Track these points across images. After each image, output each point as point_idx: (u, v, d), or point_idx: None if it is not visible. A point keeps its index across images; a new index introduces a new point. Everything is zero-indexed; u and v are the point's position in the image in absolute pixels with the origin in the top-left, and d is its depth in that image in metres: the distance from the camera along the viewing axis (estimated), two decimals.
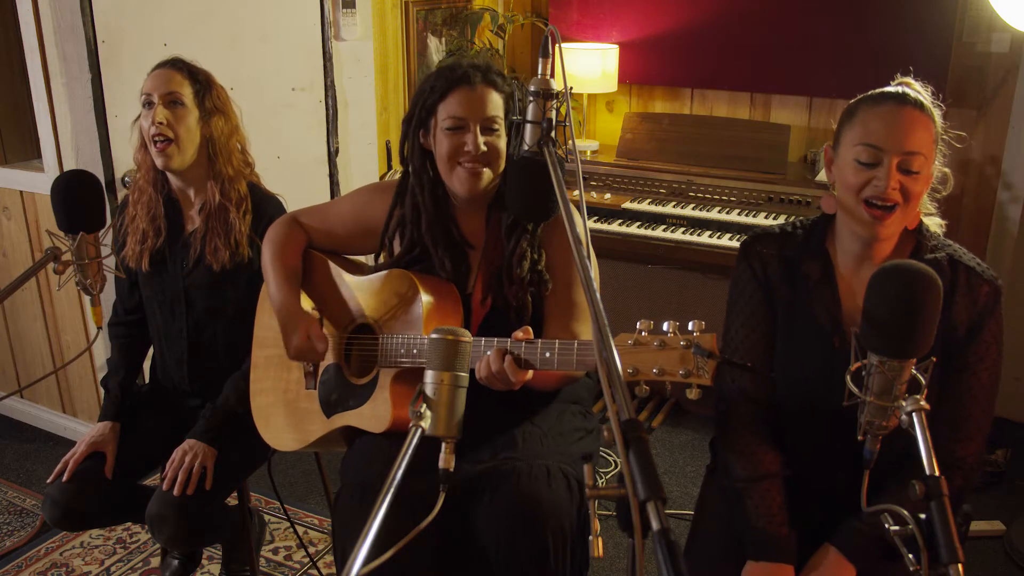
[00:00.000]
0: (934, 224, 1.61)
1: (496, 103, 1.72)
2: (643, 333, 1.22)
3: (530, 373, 1.49)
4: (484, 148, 1.70)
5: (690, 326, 1.21)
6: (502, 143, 1.73)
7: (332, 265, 1.89)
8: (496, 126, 1.72)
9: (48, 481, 2.00)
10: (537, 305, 1.75)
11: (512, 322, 1.73)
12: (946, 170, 1.58)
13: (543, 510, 1.55)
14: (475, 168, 1.70)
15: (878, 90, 1.53)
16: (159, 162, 2.01)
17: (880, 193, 1.46)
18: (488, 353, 1.49)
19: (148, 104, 2.00)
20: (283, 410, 1.93)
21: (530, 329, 1.50)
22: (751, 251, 1.67)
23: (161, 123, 1.96)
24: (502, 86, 1.73)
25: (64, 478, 1.97)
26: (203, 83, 2.04)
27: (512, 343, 1.48)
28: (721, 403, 1.67)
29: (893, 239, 1.56)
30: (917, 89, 1.54)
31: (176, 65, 2.03)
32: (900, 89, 1.52)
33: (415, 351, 1.67)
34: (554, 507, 1.56)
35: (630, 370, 1.22)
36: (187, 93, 2.01)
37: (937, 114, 1.52)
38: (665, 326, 1.22)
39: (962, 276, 1.53)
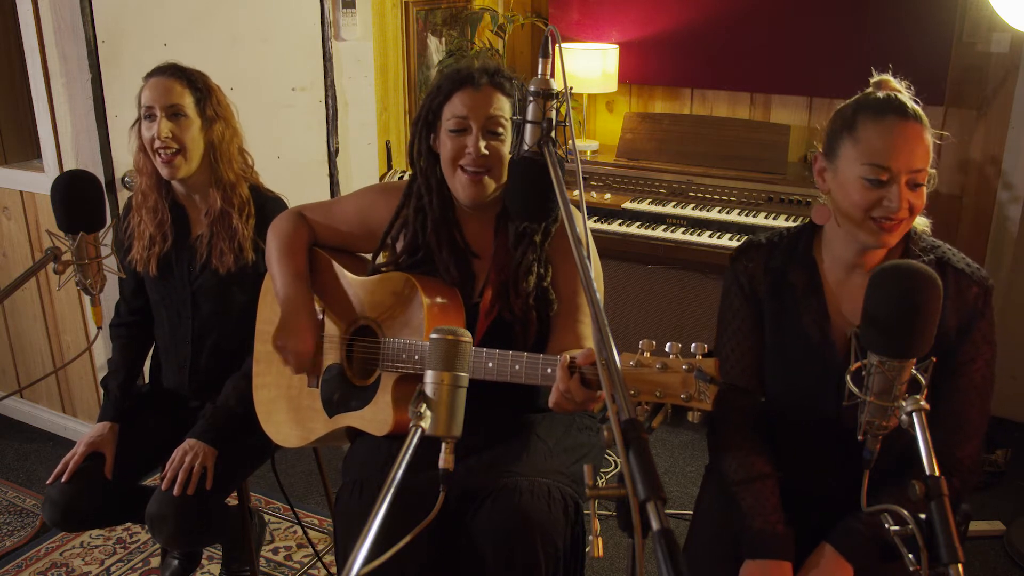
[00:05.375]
0: (920, 223, 1.58)
1: (502, 106, 1.69)
2: (645, 354, 1.21)
3: (600, 393, 1.43)
4: (485, 152, 1.67)
5: (692, 348, 1.20)
6: (506, 148, 1.70)
7: (335, 264, 1.89)
8: (500, 130, 1.68)
9: (47, 482, 2.00)
10: (543, 320, 1.74)
11: (517, 335, 1.72)
12: (932, 171, 1.53)
13: (538, 529, 1.55)
14: (476, 175, 1.68)
15: (870, 97, 1.50)
16: (165, 173, 2.02)
17: (892, 213, 1.45)
18: (550, 371, 1.46)
19: (150, 117, 1.99)
20: (285, 406, 1.93)
21: (593, 350, 1.43)
22: (738, 265, 1.67)
23: (167, 137, 1.97)
24: (510, 90, 1.70)
25: (63, 479, 1.97)
26: (203, 90, 2.04)
27: (580, 361, 1.43)
28: (713, 406, 1.67)
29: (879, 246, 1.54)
30: (894, 87, 1.51)
31: (175, 74, 2.02)
32: (892, 96, 1.48)
33: (416, 357, 1.67)
34: (549, 528, 1.56)
35: (632, 391, 1.21)
36: (188, 103, 2.01)
37: (926, 118, 1.48)
38: (667, 347, 1.21)
39: (951, 279, 1.52)
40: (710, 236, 3.17)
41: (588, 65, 3.60)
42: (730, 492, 1.60)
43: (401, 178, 2.59)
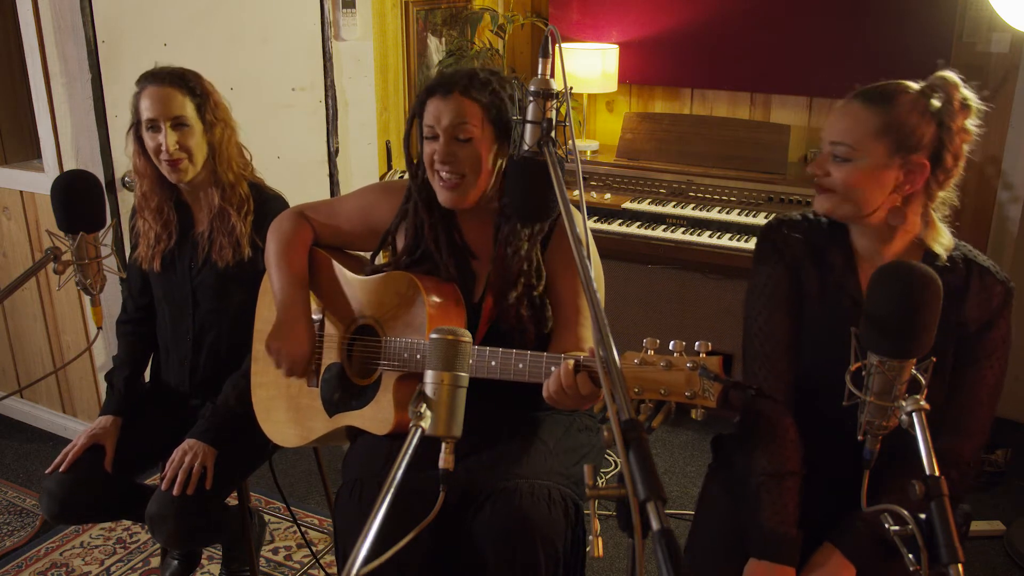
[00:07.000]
0: (946, 240, 1.59)
1: (470, 112, 1.66)
2: (649, 352, 1.21)
3: (602, 391, 1.45)
4: (448, 158, 1.66)
5: (696, 346, 1.21)
6: (475, 152, 1.67)
7: (336, 263, 1.89)
8: (465, 136, 1.66)
9: (46, 472, 2.00)
10: (540, 322, 1.74)
11: (516, 334, 1.72)
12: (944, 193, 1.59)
13: (539, 532, 1.55)
14: (449, 180, 1.68)
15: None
16: (173, 178, 2.04)
17: (812, 172, 1.58)
18: (554, 369, 1.46)
19: (153, 128, 2.00)
20: (284, 405, 1.93)
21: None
22: (777, 233, 1.67)
23: (175, 148, 1.99)
24: (478, 96, 1.67)
25: (62, 469, 1.98)
26: (201, 95, 2.04)
27: (585, 357, 1.44)
28: (718, 404, 1.66)
29: (884, 237, 1.57)
30: (944, 82, 1.50)
31: (173, 82, 2.01)
32: (881, 84, 1.54)
33: (419, 356, 1.67)
34: (550, 530, 1.57)
35: (636, 389, 1.22)
36: (190, 112, 2.02)
37: (906, 108, 1.48)
38: (671, 345, 1.22)
39: (976, 275, 1.55)
40: (710, 236, 3.16)
41: (588, 65, 3.60)
42: (757, 481, 1.57)
43: (401, 177, 2.59)
